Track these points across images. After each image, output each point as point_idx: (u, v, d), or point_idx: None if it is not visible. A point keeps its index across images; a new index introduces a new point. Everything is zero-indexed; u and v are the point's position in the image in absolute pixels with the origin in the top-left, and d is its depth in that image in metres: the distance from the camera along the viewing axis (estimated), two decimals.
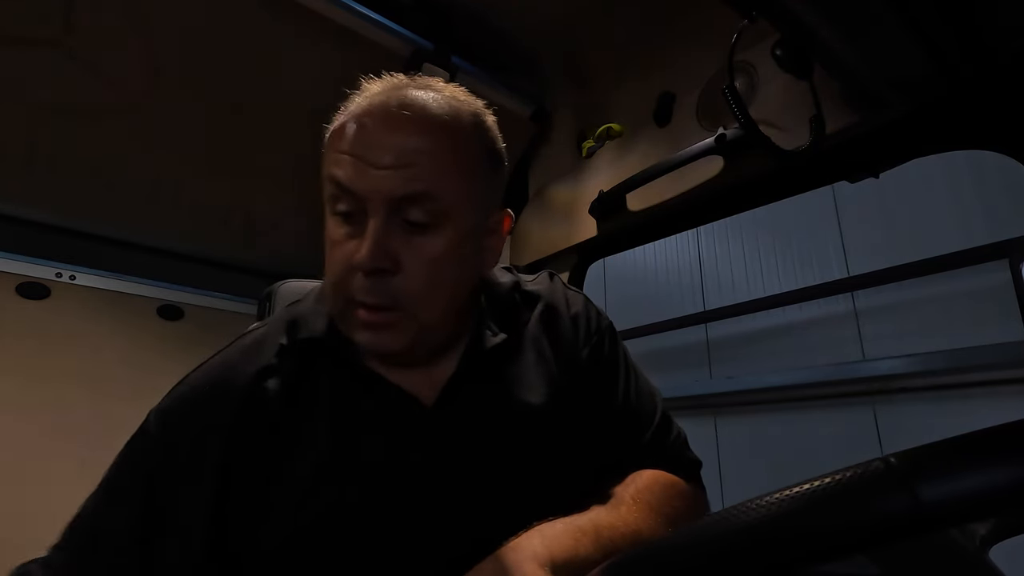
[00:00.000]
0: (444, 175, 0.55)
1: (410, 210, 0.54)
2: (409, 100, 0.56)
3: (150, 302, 1.88)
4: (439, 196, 0.55)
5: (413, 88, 0.59)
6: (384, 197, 0.53)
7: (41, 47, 1.12)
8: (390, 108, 0.55)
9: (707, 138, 1.09)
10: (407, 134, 0.54)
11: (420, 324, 0.57)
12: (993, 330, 2.45)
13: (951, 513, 0.27)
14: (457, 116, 0.58)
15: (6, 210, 1.44)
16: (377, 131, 0.55)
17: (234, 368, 0.61)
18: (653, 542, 0.36)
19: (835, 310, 3.00)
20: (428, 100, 0.57)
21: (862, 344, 2.87)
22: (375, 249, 0.53)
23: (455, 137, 0.57)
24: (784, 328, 3.20)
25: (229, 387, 0.59)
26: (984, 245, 2.52)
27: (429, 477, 0.57)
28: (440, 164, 0.55)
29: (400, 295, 0.55)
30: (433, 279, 0.56)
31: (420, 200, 0.54)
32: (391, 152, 0.53)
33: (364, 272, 0.54)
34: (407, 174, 0.53)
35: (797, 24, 0.72)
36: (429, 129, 0.55)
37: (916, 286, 2.72)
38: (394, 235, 0.54)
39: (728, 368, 3.40)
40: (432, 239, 0.55)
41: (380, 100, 0.57)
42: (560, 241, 1.46)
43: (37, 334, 1.67)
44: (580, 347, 0.70)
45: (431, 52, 1.36)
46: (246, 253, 1.77)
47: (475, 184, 0.58)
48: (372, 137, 0.54)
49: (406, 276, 0.55)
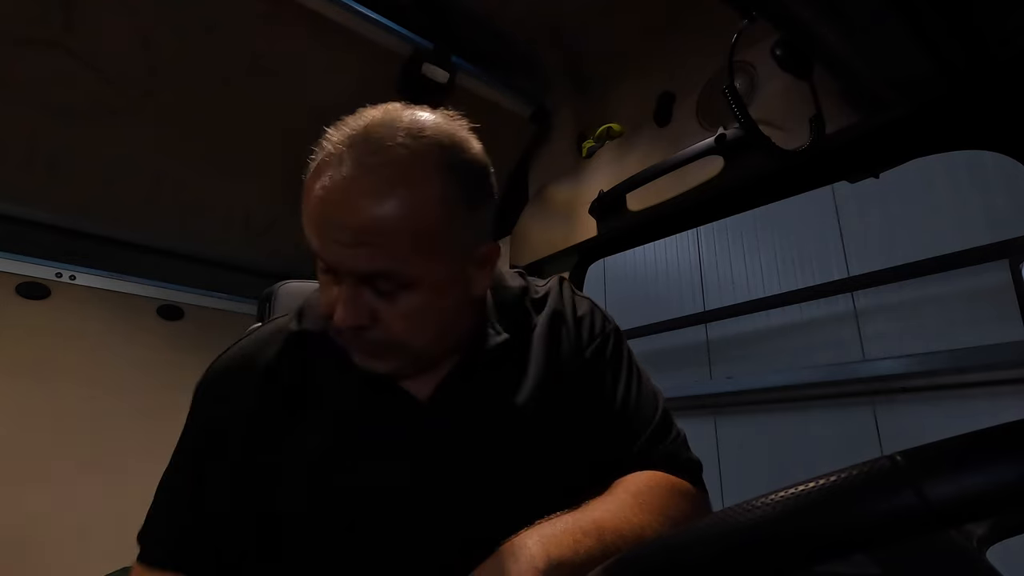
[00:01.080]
0: (402, 251, 0.54)
1: (376, 281, 0.56)
2: (364, 170, 0.53)
3: (150, 302, 1.88)
4: (400, 271, 0.55)
5: (371, 148, 0.54)
6: (349, 271, 0.55)
7: (41, 47, 1.12)
8: (346, 181, 0.53)
9: (707, 138, 1.09)
10: (363, 212, 0.52)
11: (407, 353, 0.60)
12: (993, 330, 2.45)
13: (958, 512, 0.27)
14: (420, 174, 0.54)
15: (6, 210, 1.44)
16: (335, 208, 0.53)
17: (257, 352, 0.67)
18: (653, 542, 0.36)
19: (835, 310, 3.00)
20: (385, 164, 0.53)
21: (862, 344, 2.87)
22: (349, 312, 0.55)
23: (415, 203, 0.53)
24: (784, 328, 3.20)
25: (252, 369, 0.66)
26: (984, 245, 2.52)
27: (421, 468, 0.60)
28: (398, 241, 0.53)
29: (381, 342, 0.58)
30: (411, 327, 0.58)
31: (383, 275, 0.55)
32: (348, 231, 0.53)
33: (343, 328, 0.57)
34: (366, 253, 0.53)
35: (797, 24, 0.72)
36: (385, 203, 0.52)
37: (916, 286, 2.72)
38: (367, 296, 0.56)
39: (728, 368, 3.40)
40: (405, 299, 0.56)
41: (339, 169, 0.53)
42: (560, 241, 1.46)
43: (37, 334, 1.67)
44: (583, 348, 0.71)
45: (431, 52, 1.36)
46: (246, 253, 1.77)
47: (441, 241, 0.56)
48: (331, 214, 0.54)
49: (385, 327, 0.57)
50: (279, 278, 1.17)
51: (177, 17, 1.17)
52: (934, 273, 2.65)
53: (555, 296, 0.75)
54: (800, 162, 0.92)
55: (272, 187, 1.57)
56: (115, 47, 1.17)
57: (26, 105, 1.20)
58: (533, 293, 0.75)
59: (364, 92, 1.41)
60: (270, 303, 1.09)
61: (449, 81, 1.39)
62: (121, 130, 1.30)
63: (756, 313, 3.32)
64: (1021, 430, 0.28)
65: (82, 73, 1.17)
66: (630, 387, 0.71)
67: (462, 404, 0.63)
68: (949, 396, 2.56)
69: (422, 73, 1.37)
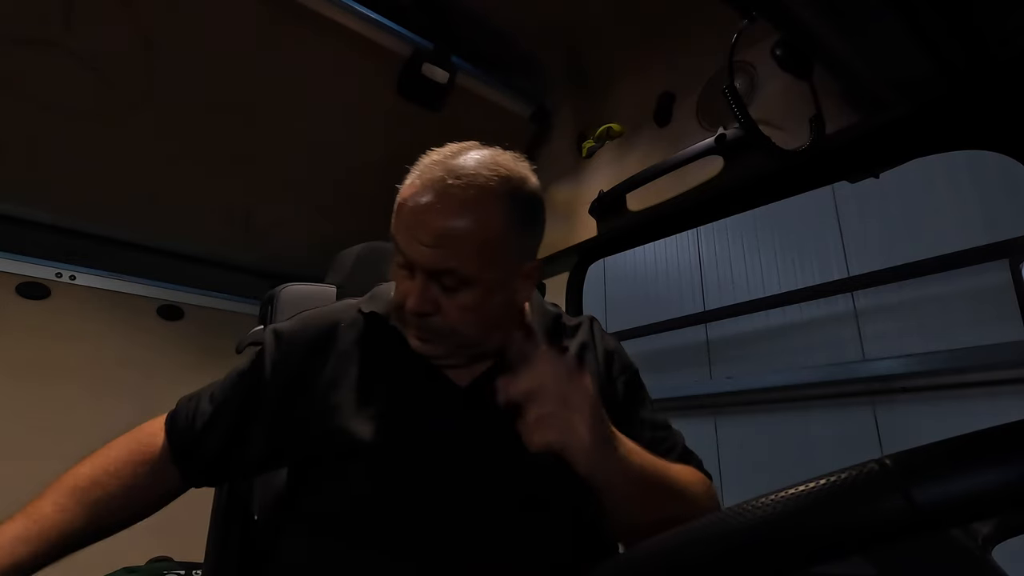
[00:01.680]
0: (468, 255, 0.69)
1: (443, 277, 0.70)
2: (450, 191, 0.68)
3: (150, 302, 1.88)
4: (462, 270, 0.69)
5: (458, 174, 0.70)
6: (423, 267, 0.69)
7: (41, 47, 1.12)
8: (435, 197, 0.68)
9: (707, 138, 1.09)
10: (444, 220, 0.68)
11: (456, 342, 0.74)
12: (993, 330, 2.45)
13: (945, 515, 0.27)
14: (486, 202, 0.69)
15: (6, 210, 1.44)
16: (424, 214, 0.69)
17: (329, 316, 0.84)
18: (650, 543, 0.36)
19: (835, 310, 3.00)
20: (467, 190, 0.69)
21: (862, 344, 2.87)
22: (419, 300, 0.70)
23: (483, 221, 0.69)
24: (784, 328, 3.20)
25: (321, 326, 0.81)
26: (984, 245, 2.52)
27: (438, 438, 0.73)
28: (463, 247, 0.68)
29: (439, 329, 0.72)
30: (464, 319, 0.72)
31: (448, 273, 0.69)
32: (430, 234, 0.68)
33: (411, 313, 0.71)
34: (440, 254, 0.68)
35: (797, 24, 0.72)
36: (461, 216, 0.68)
37: (916, 286, 2.72)
38: (433, 289, 0.70)
39: (728, 368, 3.40)
40: (462, 295, 0.70)
41: (428, 186, 0.69)
42: (560, 241, 1.46)
43: (37, 334, 1.67)
44: (614, 378, 0.85)
45: (431, 52, 1.36)
46: (246, 253, 1.77)
47: (499, 252, 0.71)
48: (420, 219, 0.69)
49: (444, 316, 0.71)
50: (279, 278, 1.18)
51: (177, 17, 1.16)
52: (934, 273, 2.65)
53: (586, 329, 0.89)
54: (800, 162, 0.92)
55: (272, 187, 1.57)
56: (115, 47, 1.17)
57: (26, 105, 1.20)
58: (566, 321, 0.89)
59: (364, 92, 1.42)
60: (272, 305, 1.09)
61: (449, 81, 1.39)
62: (121, 130, 1.30)
63: (756, 313, 3.32)
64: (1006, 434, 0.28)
65: (82, 73, 1.17)
66: (656, 417, 0.87)
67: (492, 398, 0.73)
68: (949, 396, 2.55)
69: (422, 73, 1.37)
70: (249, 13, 1.19)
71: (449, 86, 1.40)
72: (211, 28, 1.20)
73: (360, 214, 1.71)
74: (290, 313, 1.02)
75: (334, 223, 1.67)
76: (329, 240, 1.42)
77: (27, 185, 1.36)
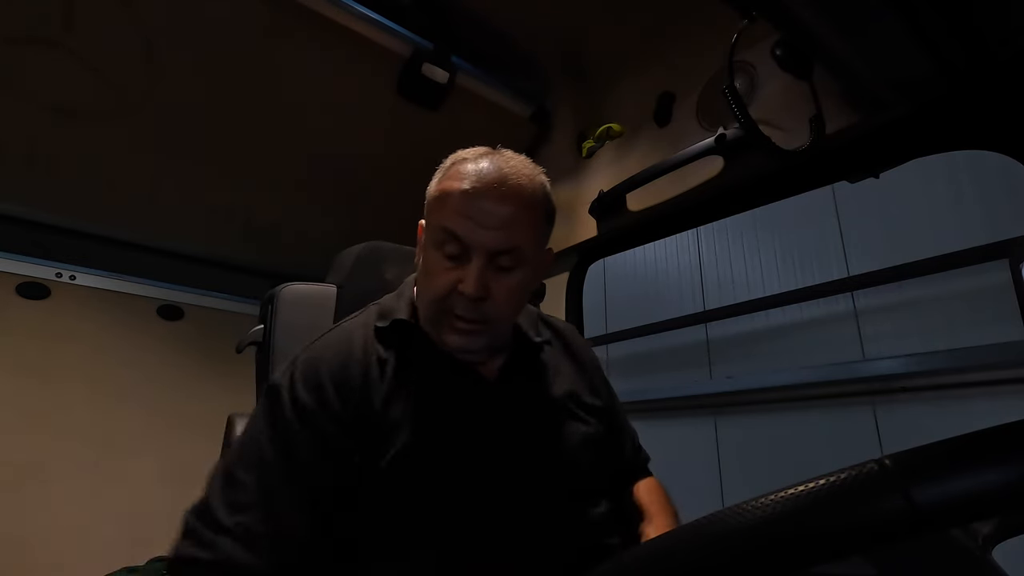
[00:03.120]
0: (525, 235, 0.76)
1: (501, 258, 0.75)
2: (508, 179, 0.75)
3: (150, 302, 1.88)
4: (521, 249, 0.76)
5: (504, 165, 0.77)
6: (488, 248, 0.74)
7: (41, 47, 1.12)
8: (495, 183, 0.75)
9: (707, 138, 1.09)
10: (508, 206, 0.74)
11: (495, 332, 0.79)
12: (993, 330, 2.45)
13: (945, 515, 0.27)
14: (534, 190, 0.78)
15: (6, 210, 1.44)
16: (487, 201, 0.74)
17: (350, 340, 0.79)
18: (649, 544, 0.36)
19: (835, 310, 3.00)
20: (520, 178, 0.77)
21: (862, 344, 2.87)
22: (478, 283, 0.73)
23: (534, 206, 0.78)
24: (784, 328, 3.20)
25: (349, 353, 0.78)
26: (984, 245, 2.52)
27: (490, 431, 0.76)
28: (524, 227, 0.76)
29: (488, 314, 0.76)
30: (510, 302, 0.78)
31: (509, 252, 0.75)
32: (499, 217, 0.74)
33: (469, 297, 0.74)
34: (506, 234, 0.74)
35: (797, 24, 0.72)
36: (521, 202, 0.76)
37: (916, 286, 2.72)
38: (489, 274, 0.75)
39: (728, 368, 3.40)
40: (513, 276, 0.77)
41: (488, 177, 0.75)
42: (560, 241, 1.46)
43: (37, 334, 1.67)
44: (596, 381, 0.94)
45: (431, 52, 1.36)
46: (246, 253, 1.77)
47: (540, 237, 0.81)
48: (484, 204, 0.74)
49: (494, 301, 0.76)
50: (279, 278, 1.17)
51: (177, 17, 1.17)
52: (934, 273, 2.65)
53: (562, 325, 1.00)
54: (800, 162, 0.92)
55: (273, 187, 1.57)
56: (115, 47, 1.17)
57: (26, 105, 1.20)
58: (544, 317, 0.98)
59: (364, 92, 1.42)
60: (272, 305, 1.09)
61: (449, 81, 1.39)
62: (121, 130, 1.30)
63: (756, 313, 3.32)
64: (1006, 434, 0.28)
65: (82, 73, 1.17)
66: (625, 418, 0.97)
67: (520, 385, 0.83)
68: (949, 396, 2.55)
69: (422, 73, 1.37)
70: (249, 13, 1.19)
71: (449, 86, 1.40)
72: (211, 28, 1.20)
73: (360, 213, 1.71)
74: (290, 312, 1.02)
75: (334, 223, 1.67)
76: (329, 240, 1.42)
77: (27, 185, 1.36)
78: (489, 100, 1.50)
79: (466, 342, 0.77)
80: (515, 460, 0.76)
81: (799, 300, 3.13)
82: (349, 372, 0.75)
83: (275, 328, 1.09)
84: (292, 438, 0.69)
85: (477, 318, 0.75)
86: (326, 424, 0.70)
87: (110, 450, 1.73)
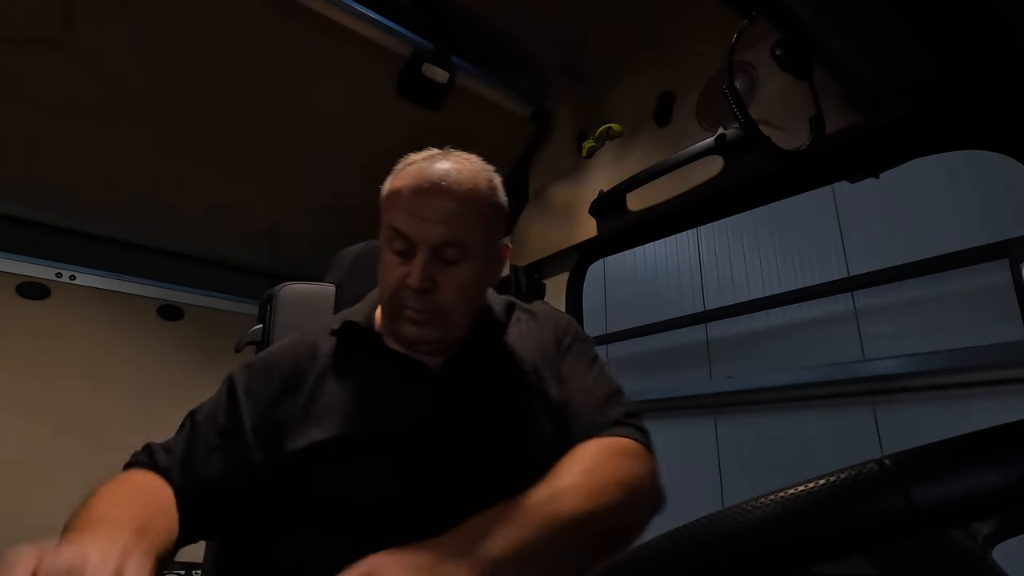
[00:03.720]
0: (470, 228, 0.78)
1: (446, 251, 0.77)
2: (449, 176, 0.78)
3: (150, 302, 1.88)
4: (468, 241, 0.78)
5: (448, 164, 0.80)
6: (431, 241, 0.76)
7: (41, 47, 1.12)
8: (435, 180, 0.78)
9: (707, 138, 1.09)
10: (449, 200, 0.77)
11: (449, 322, 0.80)
12: (993, 330, 2.45)
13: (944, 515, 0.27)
14: (477, 185, 0.80)
15: (6, 210, 1.44)
16: (429, 197, 0.77)
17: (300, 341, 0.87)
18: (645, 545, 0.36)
19: (835, 310, 3.00)
20: (462, 175, 0.79)
21: (862, 344, 2.88)
22: (422, 275, 0.76)
23: (477, 200, 0.79)
24: (784, 328, 3.20)
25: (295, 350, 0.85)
26: (984, 245, 2.52)
27: (434, 423, 0.77)
28: (468, 221, 0.78)
29: (438, 305, 0.78)
30: (460, 295, 0.79)
31: (453, 245, 0.77)
32: (440, 210, 0.76)
33: (414, 290, 0.76)
34: (448, 227, 0.76)
35: (797, 24, 0.72)
36: (462, 197, 0.78)
37: (916, 286, 2.72)
38: (435, 267, 0.77)
39: (728, 368, 3.40)
40: (460, 269, 0.78)
41: (431, 175, 0.78)
42: (560, 241, 1.46)
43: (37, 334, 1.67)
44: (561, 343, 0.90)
45: (431, 52, 1.36)
46: (246, 253, 1.77)
47: (488, 230, 0.81)
48: (426, 199, 0.77)
49: (442, 293, 0.78)
50: (279, 278, 1.17)
51: (177, 17, 1.17)
52: (934, 273, 2.65)
53: (537, 306, 0.97)
54: (800, 162, 0.92)
55: (272, 187, 1.57)
56: (115, 47, 1.17)
57: (26, 105, 1.20)
58: (518, 306, 0.96)
59: (364, 92, 1.42)
60: (271, 304, 1.09)
61: (449, 81, 1.39)
62: (121, 130, 1.30)
63: (756, 313, 3.32)
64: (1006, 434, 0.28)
65: (82, 73, 1.17)
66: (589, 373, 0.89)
67: (467, 374, 0.82)
68: (949, 396, 2.56)
69: (422, 73, 1.37)
70: (249, 13, 1.19)
71: (449, 86, 1.40)
72: (211, 28, 1.20)
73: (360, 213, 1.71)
74: (289, 312, 1.03)
75: (334, 223, 1.67)
76: (328, 240, 1.42)
77: (27, 185, 1.36)
78: (489, 100, 1.50)
79: (420, 332, 0.79)
80: (445, 451, 0.75)
81: (799, 300, 3.13)
82: (287, 363, 0.82)
83: (274, 327, 1.09)
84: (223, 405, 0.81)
85: (428, 308, 0.78)
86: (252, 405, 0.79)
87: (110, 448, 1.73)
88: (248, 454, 0.76)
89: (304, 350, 0.85)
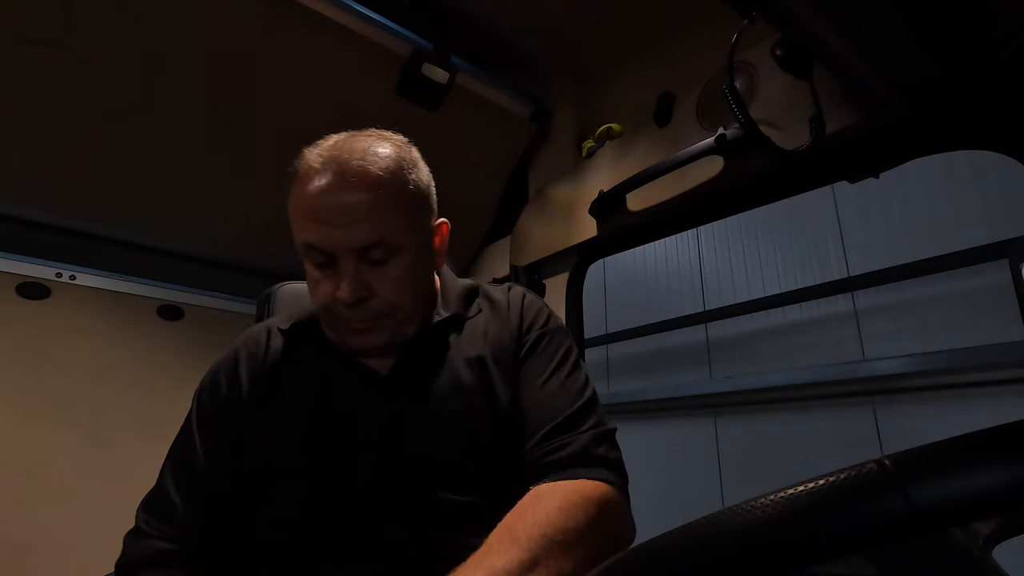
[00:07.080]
0: (389, 221, 0.69)
1: (371, 252, 0.70)
2: (351, 167, 0.69)
3: (150, 302, 1.88)
4: (391, 237, 0.70)
5: (347, 151, 0.71)
6: (350, 247, 0.69)
7: (41, 47, 1.12)
8: (338, 176, 0.68)
9: (707, 138, 1.09)
10: (355, 196, 0.68)
11: (396, 320, 0.74)
12: (993, 330, 2.45)
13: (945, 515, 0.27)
14: (385, 168, 0.70)
15: (6, 210, 1.44)
16: (331, 198, 0.68)
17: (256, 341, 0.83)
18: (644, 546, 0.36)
19: (835, 310, 3.00)
20: (364, 162, 0.69)
21: (862, 344, 2.87)
22: (352, 288, 0.69)
23: (388, 185, 0.70)
24: (784, 328, 3.20)
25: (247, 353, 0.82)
26: (984, 245, 2.52)
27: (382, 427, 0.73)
28: (384, 213, 0.69)
29: (378, 311, 0.72)
30: (399, 293, 0.73)
31: (375, 245, 0.69)
32: (349, 213, 0.68)
33: (347, 305, 0.70)
34: (365, 228, 0.68)
35: (797, 24, 0.72)
36: (369, 188, 0.69)
37: (916, 286, 2.72)
38: (364, 271, 0.70)
39: (728, 368, 3.40)
40: (392, 266, 0.71)
41: (327, 171, 0.69)
42: (560, 241, 1.46)
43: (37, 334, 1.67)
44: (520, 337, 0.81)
45: (431, 52, 1.36)
46: (246, 253, 1.77)
47: (412, 215, 0.73)
48: (331, 203, 0.68)
49: (379, 297, 0.72)
50: (279, 278, 1.17)
51: (177, 17, 1.17)
52: (934, 273, 2.65)
53: (500, 293, 0.87)
54: (800, 162, 0.92)
55: (272, 187, 1.57)
56: (115, 47, 1.17)
57: (26, 105, 1.20)
58: (483, 291, 0.87)
59: (364, 93, 1.42)
60: (269, 304, 1.09)
61: (449, 81, 1.39)
62: (121, 130, 1.30)
63: (756, 313, 3.32)
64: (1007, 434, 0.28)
65: (82, 73, 1.17)
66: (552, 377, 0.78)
67: (413, 377, 0.77)
68: (949, 396, 2.55)
69: (422, 73, 1.37)
70: (249, 13, 1.19)
71: (449, 86, 1.40)
72: (211, 28, 1.20)
73: None
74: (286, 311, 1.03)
75: None
76: None
77: (27, 185, 1.36)
78: (489, 100, 1.50)
79: (367, 340, 0.74)
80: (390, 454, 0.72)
81: (799, 300, 3.13)
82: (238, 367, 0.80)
83: None
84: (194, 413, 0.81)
85: (368, 317, 0.72)
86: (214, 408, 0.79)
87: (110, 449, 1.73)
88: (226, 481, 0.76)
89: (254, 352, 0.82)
